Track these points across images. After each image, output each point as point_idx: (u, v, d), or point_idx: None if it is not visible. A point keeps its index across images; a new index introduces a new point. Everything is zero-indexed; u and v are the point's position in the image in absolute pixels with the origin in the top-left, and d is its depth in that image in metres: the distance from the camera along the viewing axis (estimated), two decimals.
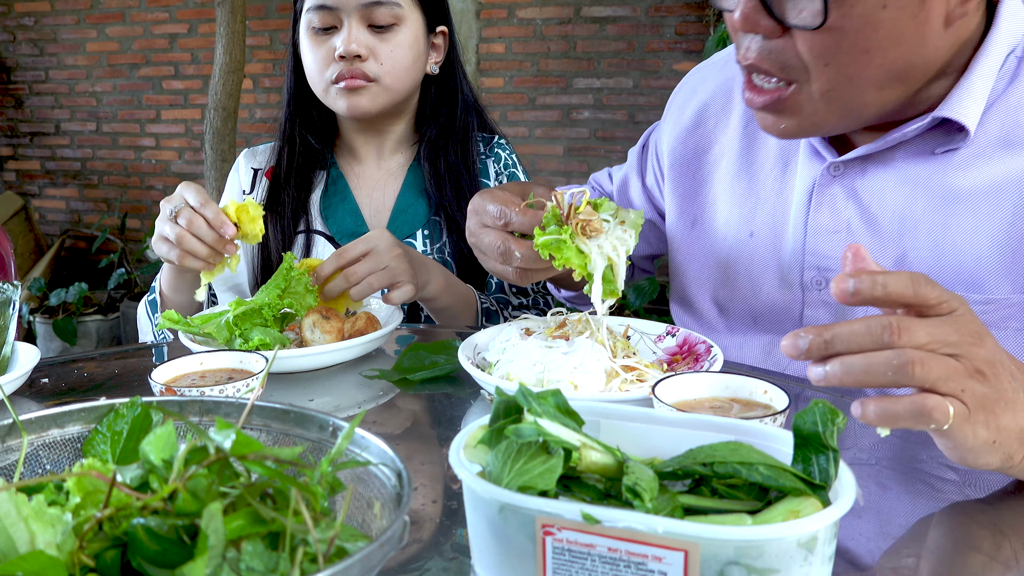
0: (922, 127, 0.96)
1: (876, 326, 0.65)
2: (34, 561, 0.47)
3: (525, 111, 4.66)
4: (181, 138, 5.31)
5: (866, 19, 0.86)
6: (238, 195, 1.59)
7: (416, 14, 1.47)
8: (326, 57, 1.44)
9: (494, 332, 1.09)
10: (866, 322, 0.65)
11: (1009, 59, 0.95)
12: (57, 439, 0.66)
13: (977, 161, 0.97)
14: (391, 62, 1.44)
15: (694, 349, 1.05)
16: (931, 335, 0.65)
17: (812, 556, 0.51)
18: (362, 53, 1.41)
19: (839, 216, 1.05)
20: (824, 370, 0.66)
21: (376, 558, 0.50)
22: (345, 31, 1.42)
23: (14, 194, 5.42)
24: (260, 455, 0.52)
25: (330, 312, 1.16)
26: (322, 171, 1.58)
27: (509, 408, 0.60)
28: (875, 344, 0.65)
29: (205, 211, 1.17)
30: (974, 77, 0.94)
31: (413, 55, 1.47)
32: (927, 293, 0.66)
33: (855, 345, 0.65)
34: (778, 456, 0.59)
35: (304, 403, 1.01)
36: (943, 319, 0.67)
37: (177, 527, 0.49)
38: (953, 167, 0.98)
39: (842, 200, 1.05)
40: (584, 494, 0.58)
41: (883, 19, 0.86)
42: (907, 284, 0.66)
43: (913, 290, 0.66)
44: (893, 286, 0.65)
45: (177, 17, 5.17)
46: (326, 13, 1.42)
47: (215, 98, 3.62)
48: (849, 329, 0.65)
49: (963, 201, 0.97)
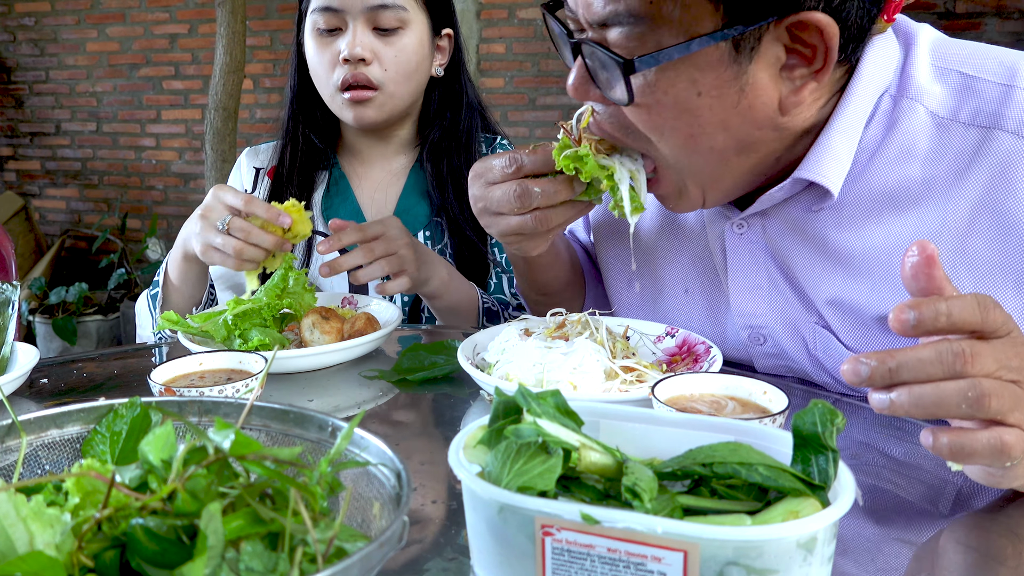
0: (786, 190, 0.94)
1: (947, 353, 0.62)
2: (33, 561, 0.47)
3: (525, 111, 4.66)
4: (181, 138, 5.31)
5: (682, 105, 0.85)
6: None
7: (422, 17, 1.47)
8: (331, 60, 1.43)
9: (493, 332, 1.08)
10: (935, 348, 0.62)
11: (883, 99, 0.92)
12: (56, 439, 0.66)
13: (856, 220, 0.93)
14: (396, 67, 1.43)
15: (693, 350, 1.05)
16: (998, 361, 0.63)
17: (811, 556, 0.51)
18: (367, 57, 1.41)
19: (757, 271, 1.03)
20: (890, 398, 0.63)
21: (375, 558, 0.50)
22: (350, 34, 1.41)
23: (14, 194, 5.42)
24: (259, 455, 0.52)
25: (329, 312, 1.16)
26: (324, 171, 1.58)
27: (508, 408, 0.60)
28: (946, 373, 0.62)
29: (255, 209, 1.18)
30: (832, 134, 0.90)
31: (418, 59, 1.46)
32: (995, 319, 0.63)
33: (924, 374, 0.62)
34: (777, 457, 0.59)
35: (303, 403, 1.01)
36: (1003, 342, 0.64)
37: (176, 527, 0.49)
38: (831, 226, 0.95)
39: (755, 255, 1.03)
40: (583, 494, 0.58)
41: (700, 106, 0.85)
42: (974, 311, 0.62)
43: (981, 318, 0.62)
44: (959, 315, 0.62)
45: (177, 17, 5.17)
46: (331, 15, 1.42)
47: (215, 98, 3.62)
48: (917, 357, 0.62)
49: (854, 260, 0.94)
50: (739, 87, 0.83)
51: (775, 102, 0.85)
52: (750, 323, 1.05)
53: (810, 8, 0.79)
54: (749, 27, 0.80)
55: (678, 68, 0.83)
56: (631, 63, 0.82)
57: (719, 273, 1.08)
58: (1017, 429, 0.64)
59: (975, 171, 0.87)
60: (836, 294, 0.96)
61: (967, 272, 0.89)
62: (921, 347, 0.63)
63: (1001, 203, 0.86)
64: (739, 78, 0.83)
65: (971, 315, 0.62)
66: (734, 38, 0.81)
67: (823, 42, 0.81)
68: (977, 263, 0.88)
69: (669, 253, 1.14)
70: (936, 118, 0.90)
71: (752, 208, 0.99)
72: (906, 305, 0.62)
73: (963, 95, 0.90)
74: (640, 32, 0.82)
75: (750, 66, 0.82)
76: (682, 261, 1.13)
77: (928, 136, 0.90)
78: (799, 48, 0.82)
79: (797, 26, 0.80)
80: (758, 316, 1.04)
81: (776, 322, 1.03)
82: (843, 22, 0.81)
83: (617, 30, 0.84)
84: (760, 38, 0.81)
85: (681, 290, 1.13)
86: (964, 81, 0.90)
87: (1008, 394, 0.63)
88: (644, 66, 0.82)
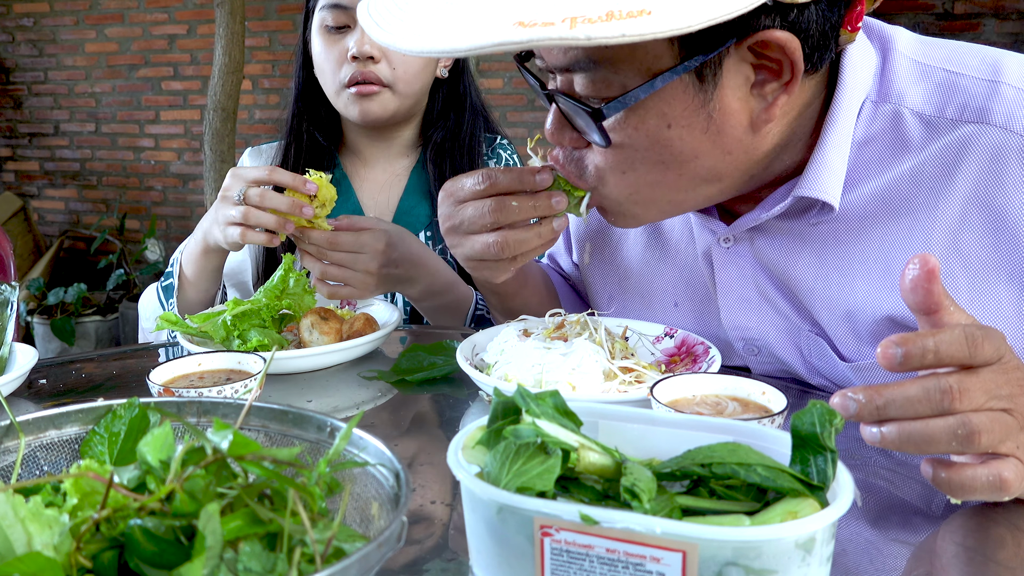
0: (786, 207, 0.93)
1: (934, 391, 0.61)
2: (31, 562, 0.46)
3: (524, 112, 4.66)
4: (180, 139, 5.31)
5: (653, 138, 0.86)
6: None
7: None
8: (339, 58, 1.43)
9: (492, 333, 1.08)
10: (922, 385, 0.62)
11: (865, 106, 0.92)
12: (55, 440, 0.66)
13: (852, 227, 0.93)
14: (404, 66, 1.44)
15: (692, 350, 1.05)
16: (987, 392, 0.62)
17: (810, 557, 0.51)
18: (375, 55, 1.41)
19: (746, 285, 1.03)
20: (880, 432, 0.63)
21: (374, 559, 0.50)
22: (359, 32, 1.41)
23: (13, 195, 5.42)
24: (258, 456, 0.52)
25: (328, 313, 1.16)
26: (326, 172, 1.56)
27: (507, 409, 0.60)
28: (933, 410, 0.62)
29: (280, 178, 1.18)
30: (827, 149, 0.90)
31: (425, 59, 1.46)
32: (984, 352, 0.62)
33: (911, 411, 0.62)
34: (776, 457, 0.59)
35: (302, 404, 1.01)
36: (992, 370, 0.64)
37: (175, 528, 0.49)
38: (828, 236, 0.95)
39: (743, 269, 1.03)
40: (582, 495, 0.58)
41: (671, 137, 0.85)
42: (962, 346, 0.62)
43: (969, 352, 0.62)
44: (946, 350, 0.62)
45: (176, 18, 5.17)
46: (340, 12, 1.42)
47: (214, 99, 3.62)
48: (904, 395, 0.62)
49: (852, 266, 0.94)
50: (707, 113, 0.84)
51: (745, 123, 0.85)
52: (743, 336, 1.06)
53: (766, 27, 0.79)
54: (709, 55, 0.79)
55: (647, 106, 0.84)
56: (599, 111, 0.83)
57: (708, 286, 1.08)
58: (1013, 459, 0.64)
59: (964, 166, 0.87)
60: (833, 300, 0.96)
61: (961, 268, 0.88)
62: (909, 383, 0.63)
63: (992, 198, 0.86)
64: (706, 105, 0.83)
65: (958, 350, 0.62)
66: (695, 68, 0.81)
67: (786, 56, 0.80)
68: (970, 259, 0.88)
69: (657, 267, 1.15)
70: (922, 117, 0.90)
71: (742, 223, 0.99)
72: (892, 341, 0.63)
73: (948, 92, 0.89)
74: (603, 75, 0.83)
75: (716, 91, 0.82)
76: (670, 275, 1.13)
77: (914, 136, 0.90)
78: (766, 63, 0.82)
79: (758, 45, 0.80)
80: (750, 329, 1.05)
81: (769, 334, 1.04)
82: (804, 33, 0.80)
83: (581, 76, 0.85)
84: (721, 63, 0.81)
85: (670, 304, 1.13)
86: (948, 78, 0.90)
87: (998, 426, 0.63)
88: (612, 111, 0.83)
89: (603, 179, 0.92)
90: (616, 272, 1.20)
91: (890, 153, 0.91)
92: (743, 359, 1.08)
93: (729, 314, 1.05)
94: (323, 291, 1.24)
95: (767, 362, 1.06)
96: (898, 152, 0.91)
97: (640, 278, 1.16)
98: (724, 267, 1.04)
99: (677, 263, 1.12)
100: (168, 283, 1.37)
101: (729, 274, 1.04)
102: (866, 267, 0.93)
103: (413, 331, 1.34)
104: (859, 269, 0.94)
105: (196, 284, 1.34)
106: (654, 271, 1.15)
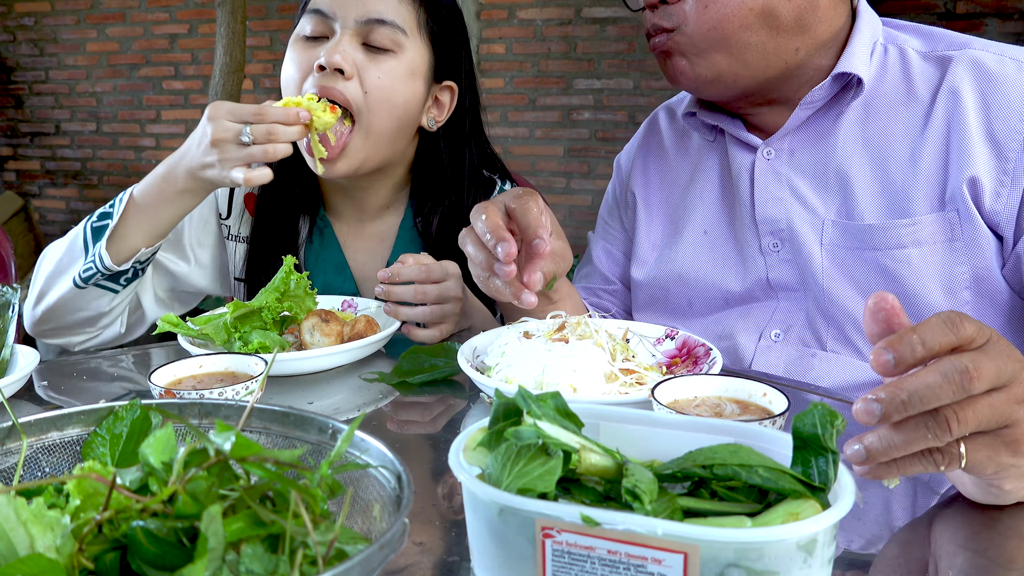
0: (826, 85, 1.14)
1: (953, 373, 0.61)
2: (33, 564, 0.47)
3: (525, 112, 4.66)
4: (181, 138, 5.29)
5: None
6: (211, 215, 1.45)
7: (422, 50, 1.30)
8: (305, 68, 1.26)
9: (493, 335, 1.09)
10: (939, 371, 0.61)
11: (876, 47, 1.17)
12: (56, 442, 0.66)
13: (881, 111, 1.15)
14: (377, 90, 1.25)
15: (693, 352, 1.05)
16: (998, 367, 0.62)
17: (812, 558, 0.51)
18: (346, 68, 1.22)
19: (780, 185, 1.20)
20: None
21: (376, 560, 0.50)
22: (333, 41, 1.25)
23: (14, 194, 5.43)
24: (260, 457, 0.52)
25: (329, 315, 1.16)
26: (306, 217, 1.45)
27: (508, 410, 0.60)
28: (956, 393, 0.61)
29: (270, 114, 1.13)
30: (855, 43, 1.14)
31: (404, 93, 1.28)
32: (967, 331, 0.63)
33: (935, 400, 0.61)
34: (777, 458, 0.59)
35: (304, 406, 1.01)
36: (994, 343, 0.64)
37: (177, 529, 0.49)
38: (864, 118, 1.16)
39: (779, 173, 1.20)
40: (584, 496, 0.58)
41: None
42: (945, 332, 0.62)
43: (955, 335, 0.62)
44: (932, 339, 0.62)
45: (177, 17, 5.17)
46: (320, 20, 1.27)
47: (215, 98, 3.62)
48: (925, 384, 0.61)
49: (881, 143, 1.13)
50: None
51: None
52: (772, 229, 1.20)
53: None
54: None
55: None
56: None
57: (741, 200, 1.23)
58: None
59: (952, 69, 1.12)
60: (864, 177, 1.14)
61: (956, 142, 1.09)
62: (924, 372, 0.62)
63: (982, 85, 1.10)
64: None
65: (943, 335, 0.62)
66: None
67: None
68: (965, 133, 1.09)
69: (696, 201, 1.30)
70: (920, 52, 1.16)
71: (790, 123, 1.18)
72: (881, 347, 0.62)
73: (932, 39, 1.17)
74: None
75: None
76: (704, 205, 1.29)
77: (916, 63, 1.16)
78: None
79: None
80: (779, 221, 1.19)
81: (794, 223, 1.18)
82: None
83: None
84: None
85: (700, 232, 1.29)
86: (930, 31, 1.18)
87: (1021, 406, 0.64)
88: None
89: (686, 18, 1.11)
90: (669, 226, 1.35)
91: (901, 70, 1.16)
92: (764, 258, 1.21)
93: (763, 209, 1.21)
94: (423, 336, 1.21)
95: (785, 259, 1.20)
96: (906, 70, 1.15)
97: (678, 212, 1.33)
98: (764, 174, 1.21)
99: (711, 193, 1.29)
100: (103, 224, 1.23)
101: (767, 179, 1.21)
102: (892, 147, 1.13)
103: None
104: (885, 148, 1.14)
105: (149, 229, 1.23)
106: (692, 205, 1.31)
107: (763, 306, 1.23)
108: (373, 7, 1.26)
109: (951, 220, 1.08)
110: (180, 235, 1.41)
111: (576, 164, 4.62)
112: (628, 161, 1.44)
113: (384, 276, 1.20)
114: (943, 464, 0.63)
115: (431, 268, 1.19)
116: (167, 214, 1.23)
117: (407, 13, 1.29)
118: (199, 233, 1.43)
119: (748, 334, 1.22)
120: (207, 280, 1.47)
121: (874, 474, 0.64)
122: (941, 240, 1.09)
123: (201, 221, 1.43)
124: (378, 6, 1.26)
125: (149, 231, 1.23)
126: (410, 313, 1.20)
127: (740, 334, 1.22)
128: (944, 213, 1.08)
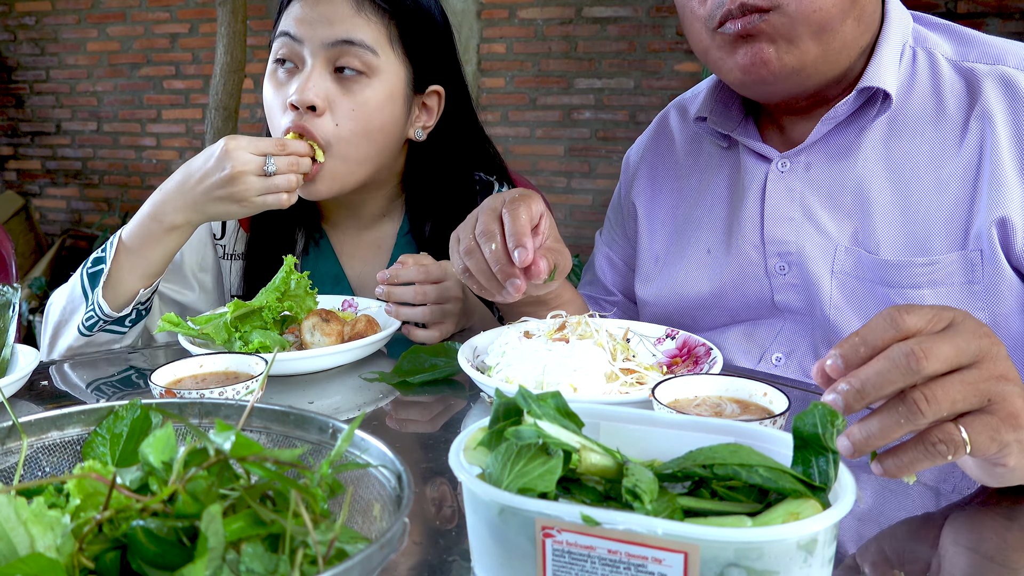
0: (850, 100, 1.07)
1: (899, 357, 0.61)
2: (33, 564, 0.47)
3: (526, 111, 4.66)
4: (182, 138, 5.32)
5: None
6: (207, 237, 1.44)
7: (398, 68, 1.28)
8: (282, 104, 1.26)
9: (494, 335, 1.09)
10: (886, 356, 0.62)
11: (905, 49, 1.11)
12: (57, 441, 0.66)
13: (907, 130, 1.09)
14: (351, 123, 1.24)
15: (694, 351, 1.05)
16: (955, 347, 0.62)
17: (812, 558, 0.51)
18: (318, 104, 1.22)
19: (792, 203, 1.14)
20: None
21: (376, 560, 0.50)
22: (304, 74, 1.24)
23: (15, 193, 5.43)
24: (260, 457, 0.53)
25: (330, 315, 1.16)
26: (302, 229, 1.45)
27: (509, 410, 0.60)
28: (905, 376, 0.61)
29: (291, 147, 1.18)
30: (883, 52, 1.07)
31: (381, 118, 1.27)
32: (908, 323, 0.63)
33: (887, 385, 0.62)
34: (778, 458, 0.59)
35: (304, 405, 1.01)
36: (951, 329, 0.64)
37: (177, 529, 0.49)
38: (888, 136, 1.09)
39: (792, 190, 1.14)
40: (584, 496, 0.58)
41: None
42: (886, 328, 0.63)
43: (896, 329, 0.63)
44: (871, 335, 0.63)
45: (178, 17, 5.17)
46: (290, 44, 1.25)
47: (216, 98, 3.62)
48: (874, 371, 0.62)
49: (906, 166, 1.07)
50: None
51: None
52: (779, 250, 1.15)
53: None
54: None
55: None
56: None
57: (750, 217, 1.18)
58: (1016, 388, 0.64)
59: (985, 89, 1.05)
60: (884, 202, 1.08)
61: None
62: (874, 360, 0.63)
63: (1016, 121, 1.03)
64: None
65: (883, 330, 0.63)
66: None
67: None
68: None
69: (703, 216, 1.25)
70: (950, 60, 1.09)
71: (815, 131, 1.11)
72: (830, 354, 0.64)
73: (964, 44, 1.10)
74: None
75: None
76: (711, 222, 1.24)
77: (947, 74, 1.09)
78: None
79: None
80: (788, 243, 1.14)
81: (804, 248, 1.13)
82: None
83: None
84: None
85: (704, 251, 1.24)
86: (962, 33, 1.12)
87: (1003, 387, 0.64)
88: None
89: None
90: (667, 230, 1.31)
91: (931, 82, 1.09)
92: (769, 280, 1.17)
93: (772, 229, 1.15)
94: (423, 336, 1.21)
95: (791, 284, 1.15)
96: (936, 82, 1.09)
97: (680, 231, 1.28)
98: (776, 189, 1.15)
99: (701, 217, 1.25)
100: (97, 269, 1.23)
101: (779, 195, 1.15)
102: (916, 168, 1.07)
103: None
104: (911, 168, 1.08)
105: (142, 271, 1.22)
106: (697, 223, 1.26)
107: (768, 325, 1.19)
108: (340, 28, 1.24)
109: (973, 260, 1.02)
110: (181, 265, 1.41)
111: (577, 164, 4.62)
112: (635, 162, 1.39)
113: (384, 277, 1.21)
114: (949, 453, 0.63)
115: (431, 268, 1.20)
116: (158, 253, 1.22)
117: (376, 30, 1.26)
118: (199, 258, 1.43)
119: (749, 356, 1.19)
120: (213, 304, 1.46)
121: (888, 473, 0.64)
122: (960, 282, 1.03)
123: (200, 245, 1.43)
124: (344, 26, 1.24)
125: (143, 272, 1.23)
126: (410, 313, 1.20)
127: (740, 358, 1.19)
128: (966, 252, 1.02)
